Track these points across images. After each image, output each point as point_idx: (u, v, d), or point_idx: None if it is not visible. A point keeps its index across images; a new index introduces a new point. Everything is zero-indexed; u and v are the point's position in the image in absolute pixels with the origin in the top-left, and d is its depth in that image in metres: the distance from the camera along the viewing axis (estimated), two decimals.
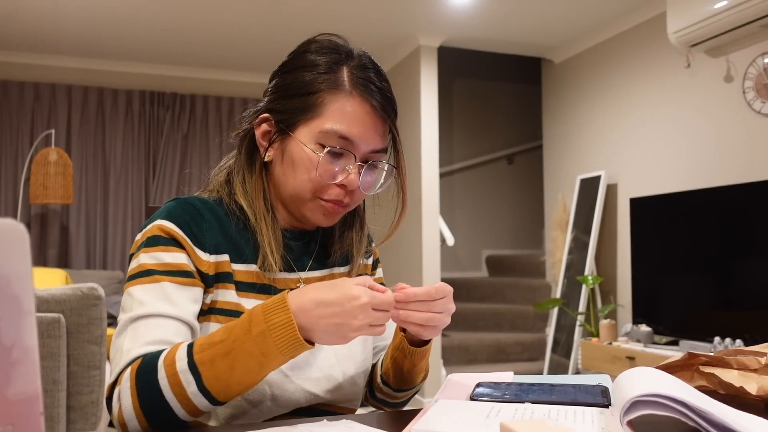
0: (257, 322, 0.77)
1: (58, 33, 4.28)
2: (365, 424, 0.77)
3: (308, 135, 0.93)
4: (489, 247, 5.88)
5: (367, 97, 0.93)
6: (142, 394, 0.78)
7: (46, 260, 4.70)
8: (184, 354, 0.78)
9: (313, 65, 0.94)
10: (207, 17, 4.03)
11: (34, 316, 0.37)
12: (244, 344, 0.76)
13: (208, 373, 0.77)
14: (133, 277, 0.89)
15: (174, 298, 0.87)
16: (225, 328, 0.80)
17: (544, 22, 4.15)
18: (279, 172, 0.97)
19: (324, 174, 0.93)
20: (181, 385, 0.77)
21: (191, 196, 0.98)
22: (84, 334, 1.49)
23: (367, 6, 3.86)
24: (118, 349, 0.85)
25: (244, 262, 0.94)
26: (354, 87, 0.93)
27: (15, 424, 0.37)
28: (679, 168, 3.67)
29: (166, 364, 0.78)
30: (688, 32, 3.36)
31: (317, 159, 0.92)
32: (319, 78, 0.93)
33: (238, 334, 0.77)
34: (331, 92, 0.92)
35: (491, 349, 4.55)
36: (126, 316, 0.87)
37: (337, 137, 0.92)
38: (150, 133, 5.01)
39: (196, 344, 0.79)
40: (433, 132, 4.38)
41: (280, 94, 0.96)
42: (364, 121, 0.93)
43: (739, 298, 3.19)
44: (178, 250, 0.90)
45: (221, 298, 0.91)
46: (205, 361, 0.77)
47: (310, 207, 0.96)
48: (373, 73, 0.95)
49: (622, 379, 0.75)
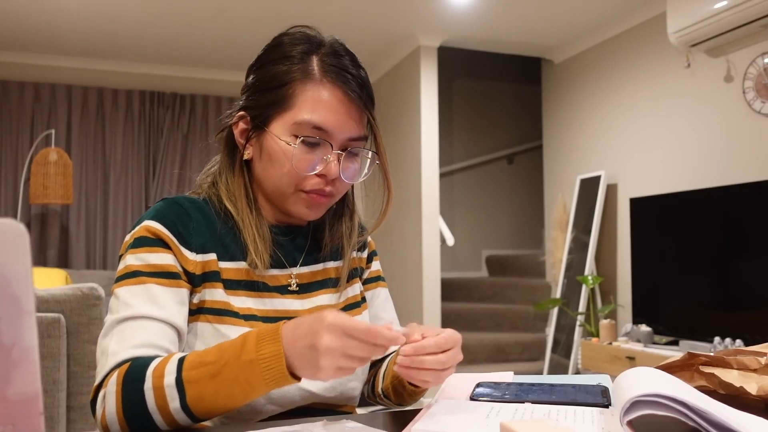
0: (248, 349, 0.75)
1: (58, 33, 4.28)
2: (365, 424, 0.77)
3: (282, 128, 0.93)
4: (489, 247, 5.87)
5: (339, 84, 0.92)
6: (126, 401, 0.78)
7: (46, 260, 4.70)
8: (174, 368, 0.78)
9: (284, 57, 0.94)
10: (207, 17, 4.03)
11: (34, 316, 0.37)
12: (232, 370, 0.75)
13: (192, 392, 0.76)
14: (119, 278, 0.89)
15: (160, 300, 0.87)
16: (218, 348, 0.78)
17: (544, 22, 4.15)
18: (259, 168, 0.97)
19: (301, 165, 0.92)
20: (165, 399, 0.77)
21: (180, 195, 0.98)
22: (84, 334, 1.49)
23: (367, 6, 3.86)
24: (104, 351, 0.85)
25: (233, 260, 0.94)
26: (324, 75, 0.93)
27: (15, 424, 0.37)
28: (679, 168, 3.67)
29: (155, 376, 0.78)
30: (688, 32, 3.36)
31: (292, 151, 0.92)
32: (290, 70, 0.93)
33: (228, 358, 0.76)
34: (301, 82, 0.92)
35: (491, 349, 4.55)
36: (112, 317, 0.87)
37: (310, 127, 0.91)
38: (150, 133, 5.01)
39: (187, 360, 0.78)
40: (433, 132, 4.38)
41: (254, 90, 0.97)
42: (337, 109, 0.92)
43: (739, 298, 3.19)
44: (164, 250, 0.90)
45: (209, 297, 0.91)
46: (192, 380, 0.76)
47: (292, 200, 0.96)
48: (346, 59, 0.95)
49: (622, 379, 0.75)
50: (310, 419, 0.80)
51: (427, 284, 4.28)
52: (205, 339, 0.90)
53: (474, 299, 5.16)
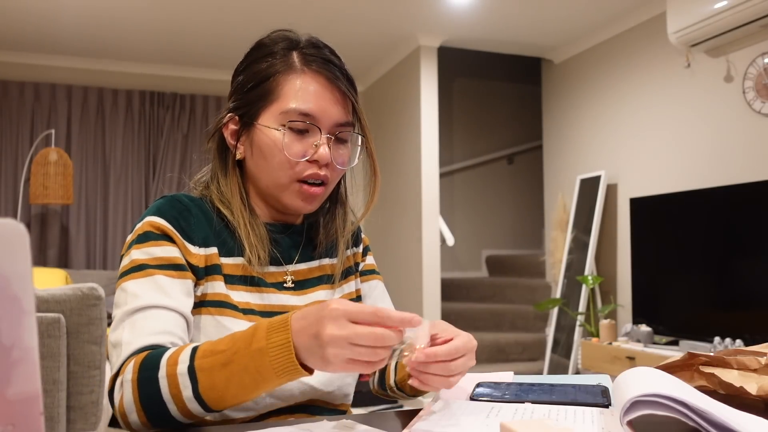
0: (259, 337, 0.74)
1: (58, 33, 4.28)
2: (365, 424, 0.77)
3: (270, 119, 0.95)
4: (489, 247, 5.87)
5: (320, 71, 0.95)
6: (142, 389, 0.78)
7: (46, 260, 4.70)
8: (187, 357, 0.78)
9: (266, 55, 0.98)
10: (207, 17, 4.03)
11: (34, 316, 0.37)
12: (243, 358, 0.75)
13: (204, 380, 0.76)
14: (125, 273, 0.90)
15: (168, 290, 0.88)
16: (230, 336, 0.78)
17: (544, 22, 4.15)
18: (252, 165, 0.99)
19: (292, 152, 0.94)
20: (178, 387, 0.77)
21: (179, 193, 1.00)
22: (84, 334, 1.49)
23: (367, 6, 3.86)
24: (117, 342, 0.85)
25: (231, 255, 0.96)
26: (306, 65, 0.96)
27: (15, 424, 0.37)
28: (679, 168, 3.67)
29: (169, 364, 0.78)
30: (688, 32, 3.36)
31: (282, 138, 0.94)
32: (272, 64, 0.96)
33: (240, 346, 0.75)
34: (284, 74, 0.95)
35: (491, 349, 4.55)
36: (121, 310, 0.87)
37: (297, 114, 0.94)
38: (150, 133, 5.01)
39: (200, 349, 0.78)
40: (433, 132, 4.38)
41: (240, 90, 0.99)
42: (321, 95, 0.95)
43: (739, 298, 3.19)
44: (169, 244, 0.91)
45: (210, 290, 0.92)
46: (204, 368, 0.76)
47: (288, 193, 0.96)
48: (326, 51, 0.98)
49: (622, 379, 0.75)
50: (311, 419, 0.80)
51: (427, 284, 4.29)
52: (207, 331, 0.91)
53: (474, 299, 5.16)
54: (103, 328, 1.56)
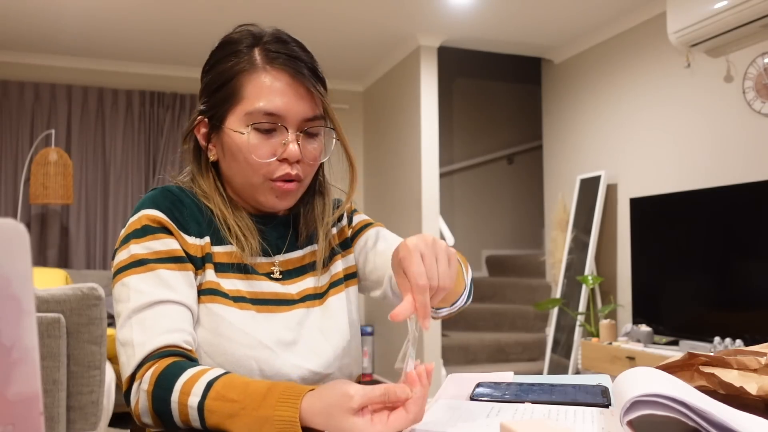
0: (268, 403, 0.73)
1: (58, 33, 4.28)
2: None
3: (237, 121, 0.94)
4: (489, 247, 5.87)
5: (282, 67, 0.94)
6: (156, 404, 0.81)
7: (46, 260, 4.70)
8: (200, 390, 0.78)
9: (229, 54, 0.96)
10: (207, 17, 4.03)
11: (34, 316, 0.37)
12: (247, 418, 0.74)
13: (211, 421, 0.77)
14: (124, 267, 0.89)
15: (171, 283, 0.88)
16: (245, 386, 0.77)
17: (544, 22, 4.15)
18: (225, 167, 0.99)
19: (260, 154, 0.93)
20: (187, 416, 0.79)
21: (169, 184, 1.00)
22: (84, 334, 1.49)
23: (367, 6, 3.86)
24: (128, 342, 0.85)
25: (221, 244, 0.96)
26: (268, 62, 0.94)
27: (15, 424, 0.37)
28: (679, 168, 3.67)
29: (182, 392, 0.79)
30: (688, 32, 3.36)
31: (247, 140, 0.93)
32: (236, 63, 0.95)
33: (248, 403, 0.75)
34: (247, 73, 0.94)
35: (491, 349, 4.55)
36: (126, 306, 0.87)
37: (261, 115, 0.93)
38: (150, 133, 5.01)
39: (214, 388, 0.78)
40: (433, 132, 4.38)
41: (206, 92, 0.99)
42: (285, 92, 0.93)
43: (739, 298, 3.19)
44: (168, 236, 0.91)
45: (205, 279, 0.93)
46: (212, 410, 0.77)
47: (261, 192, 0.96)
48: (291, 45, 0.96)
49: (622, 379, 0.75)
50: None
51: None
52: (199, 319, 0.92)
53: (474, 299, 5.15)
54: (103, 328, 1.56)
